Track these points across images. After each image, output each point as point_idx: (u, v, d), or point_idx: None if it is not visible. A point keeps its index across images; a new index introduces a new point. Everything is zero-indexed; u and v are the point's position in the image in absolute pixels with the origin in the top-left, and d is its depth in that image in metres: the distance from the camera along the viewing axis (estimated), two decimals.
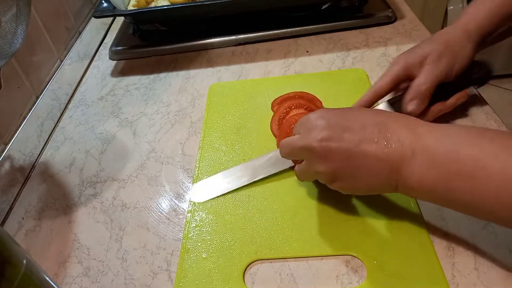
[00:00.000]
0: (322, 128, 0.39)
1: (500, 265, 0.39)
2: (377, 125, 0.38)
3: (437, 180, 0.35)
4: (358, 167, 0.38)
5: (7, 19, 0.44)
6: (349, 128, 0.39)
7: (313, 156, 0.39)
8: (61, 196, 0.55)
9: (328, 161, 0.39)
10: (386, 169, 0.37)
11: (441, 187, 0.35)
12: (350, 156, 0.38)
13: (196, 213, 0.49)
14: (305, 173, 0.43)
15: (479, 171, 0.33)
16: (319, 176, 0.41)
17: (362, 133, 0.38)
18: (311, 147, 0.39)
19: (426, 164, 0.35)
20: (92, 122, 0.66)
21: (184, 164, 0.55)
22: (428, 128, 0.37)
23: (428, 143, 0.36)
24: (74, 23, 0.80)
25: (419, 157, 0.36)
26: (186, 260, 0.44)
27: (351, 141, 0.38)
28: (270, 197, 0.49)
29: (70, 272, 0.46)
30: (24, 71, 0.63)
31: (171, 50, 0.77)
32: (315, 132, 0.39)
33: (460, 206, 0.36)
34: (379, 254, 0.41)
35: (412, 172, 0.36)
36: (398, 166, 0.36)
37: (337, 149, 0.38)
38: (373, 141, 0.37)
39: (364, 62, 0.66)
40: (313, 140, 0.39)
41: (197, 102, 0.65)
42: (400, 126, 0.38)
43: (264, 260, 0.43)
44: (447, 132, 0.36)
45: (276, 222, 0.46)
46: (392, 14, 0.74)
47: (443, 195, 0.36)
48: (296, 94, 0.58)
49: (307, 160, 0.41)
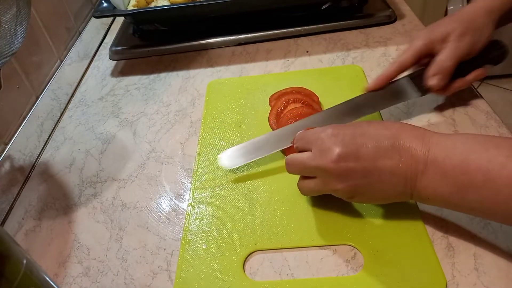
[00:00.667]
0: (337, 147, 0.39)
1: (500, 265, 0.39)
2: (390, 139, 0.39)
3: (450, 191, 0.36)
4: (375, 183, 0.39)
5: (7, 19, 0.44)
6: (363, 144, 0.39)
7: (330, 175, 0.40)
8: (61, 196, 0.55)
9: (346, 180, 0.39)
10: (401, 182, 0.38)
11: (454, 197, 0.36)
12: (367, 173, 0.38)
13: (196, 205, 0.49)
14: (318, 190, 0.43)
15: (488, 183, 0.34)
16: (337, 193, 0.41)
17: (376, 148, 0.39)
18: (328, 168, 0.39)
19: (438, 177, 0.37)
20: (92, 122, 0.66)
21: (184, 164, 0.55)
22: (437, 140, 0.38)
23: (438, 155, 0.37)
24: (74, 23, 0.80)
25: (431, 169, 0.37)
26: (187, 251, 0.45)
27: (367, 159, 0.38)
28: (269, 189, 0.49)
29: (70, 272, 0.46)
30: (24, 71, 0.63)
31: (171, 50, 0.77)
32: (330, 152, 0.39)
33: (473, 212, 0.37)
34: (376, 244, 0.42)
35: (426, 185, 0.37)
36: (413, 179, 0.38)
37: (354, 167, 0.39)
38: (387, 156, 0.38)
39: (364, 62, 0.66)
40: (329, 161, 0.39)
41: (197, 102, 0.65)
42: (411, 137, 0.38)
43: (264, 251, 0.44)
44: (455, 143, 0.37)
45: (275, 213, 0.47)
46: (392, 14, 0.74)
47: (456, 204, 0.37)
48: (293, 89, 0.59)
49: (322, 178, 0.41)
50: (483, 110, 0.54)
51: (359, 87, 0.52)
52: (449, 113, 0.54)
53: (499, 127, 0.52)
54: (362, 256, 0.41)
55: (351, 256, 0.42)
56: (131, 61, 0.77)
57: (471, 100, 0.56)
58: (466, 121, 0.53)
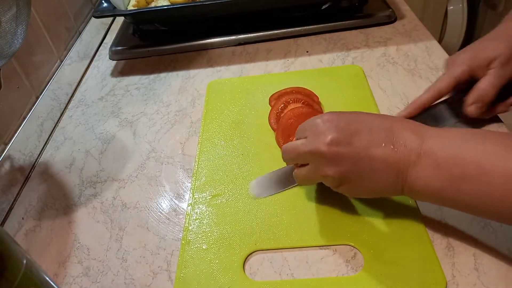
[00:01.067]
0: (331, 131, 0.39)
1: (500, 265, 0.39)
2: (384, 130, 0.38)
3: (441, 184, 0.35)
4: (366, 171, 0.38)
5: (7, 19, 0.44)
6: (357, 131, 0.39)
7: (322, 160, 0.39)
8: (61, 196, 0.55)
9: (337, 165, 0.39)
10: (393, 173, 0.37)
11: (446, 191, 0.35)
12: (359, 160, 0.38)
13: (196, 205, 0.49)
14: (310, 177, 0.42)
15: (482, 177, 0.33)
16: (326, 179, 0.41)
17: (370, 136, 0.38)
18: (320, 151, 0.39)
19: (431, 168, 0.36)
20: (92, 122, 0.66)
21: (184, 164, 0.55)
22: (433, 133, 0.37)
23: (433, 146, 0.36)
24: (74, 23, 0.80)
25: (424, 160, 0.36)
26: (187, 251, 0.45)
27: (359, 145, 0.38)
28: None
29: (70, 272, 0.46)
30: (24, 71, 0.63)
31: (171, 50, 0.77)
32: (323, 136, 0.39)
33: (466, 207, 0.36)
34: (376, 244, 0.42)
35: (417, 176, 0.36)
36: (405, 170, 0.37)
37: (346, 153, 0.38)
38: (380, 145, 0.38)
39: (364, 62, 0.66)
40: (321, 144, 0.38)
41: (197, 102, 0.65)
42: (406, 130, 0.38)
43: (264, 251, 0.44)
44: (452, 135, 0.37)
45: (275, 213, 0.47)
46: (392, 14, 0.74)
47: (448, 198, 0.36)
48: (293, 89, 0.59)
49: (314, 164, 0.41)
50: None
51: (359, 86, 0.52)
52: None
53: (499, 127, 0.52)
54: (362, 256, 0.41)
55: (351, 256, 0.42)
56: (131, 61, 0.77)
57: None
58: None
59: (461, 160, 0.34)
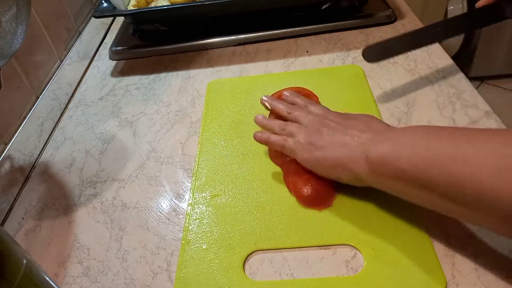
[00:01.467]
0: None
1: (500, 265, 0.39)
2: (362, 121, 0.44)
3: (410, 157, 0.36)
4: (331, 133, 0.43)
5: (7, 19, 0.44)
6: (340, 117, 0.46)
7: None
8: (61, 196, 0.55)
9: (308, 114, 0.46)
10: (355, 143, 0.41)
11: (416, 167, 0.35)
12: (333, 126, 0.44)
13: (196, 205, 0.49)
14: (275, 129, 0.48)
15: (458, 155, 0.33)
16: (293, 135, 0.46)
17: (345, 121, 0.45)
18: None
19: (399, 145, 0.37)
20: (92, 122, 0.66)
21: (184, 164, 0.55)
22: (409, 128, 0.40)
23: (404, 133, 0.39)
24: (74, 23, 0.80)
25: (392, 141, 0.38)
26: (187, 251, 0.45)
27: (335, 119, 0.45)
28: (269, 189, 0.49)
29: (70, 272, 0.46)
30: (24, 71, 0.63)
31: (171, 50, 0.77)
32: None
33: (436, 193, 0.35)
34: (376, 244, 0.42)
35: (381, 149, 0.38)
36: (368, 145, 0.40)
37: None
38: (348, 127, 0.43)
39: (364, 62, 0.66)
40: None
41: (197, 102, 0.65)
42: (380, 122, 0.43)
43: (264, 251, 0.44)
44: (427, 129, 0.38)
45: (275, 213, 0.47)
46: (392, 14, 0.74)
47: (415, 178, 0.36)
48: (293, 89, 0.59)
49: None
50: (483, 110, 0.54)
51: (359, 87, 0.52)
52: (449, 113, 0.54)
53: (499, 127, 0.52)
54: (362, 256, 0.41)
55: (351, 256, 0.42)
56: (131, 61, 0.77)
57: (471, 100, 0.56)
58: (466, 121, 0.53)
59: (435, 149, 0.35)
